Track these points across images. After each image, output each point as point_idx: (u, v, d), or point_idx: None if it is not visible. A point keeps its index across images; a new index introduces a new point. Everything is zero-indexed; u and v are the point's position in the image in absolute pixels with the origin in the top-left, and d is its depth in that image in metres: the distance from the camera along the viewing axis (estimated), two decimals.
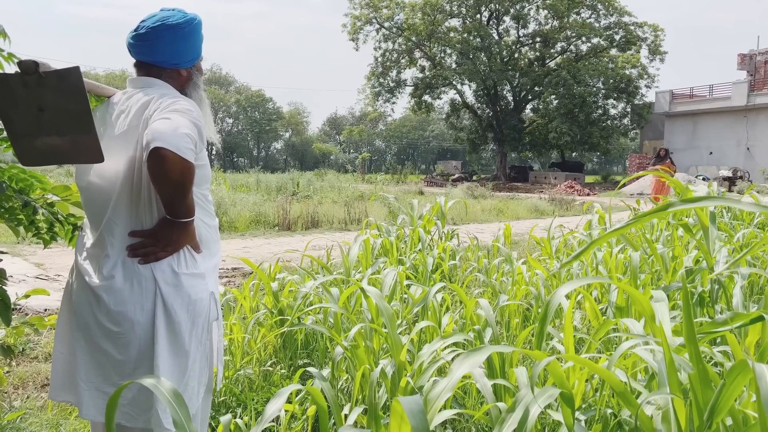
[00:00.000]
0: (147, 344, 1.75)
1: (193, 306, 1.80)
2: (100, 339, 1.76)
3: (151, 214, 1.78)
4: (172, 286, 1.76)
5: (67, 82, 1.53)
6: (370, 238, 4.50)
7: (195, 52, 1.99)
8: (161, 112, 1.70)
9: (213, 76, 79.85)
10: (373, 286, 3.54)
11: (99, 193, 1.80)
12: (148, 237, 1.76)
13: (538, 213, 15.87)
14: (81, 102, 1.54)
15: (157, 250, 1.75)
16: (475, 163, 68.81)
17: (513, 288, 3.72)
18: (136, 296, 1.74)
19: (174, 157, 1.56)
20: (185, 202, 1.72)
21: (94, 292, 1.75)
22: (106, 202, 1.78)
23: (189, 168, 1.62)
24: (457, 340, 2.17)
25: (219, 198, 11.76)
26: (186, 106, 1.76)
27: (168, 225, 1.74)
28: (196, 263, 1.85)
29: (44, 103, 1.54)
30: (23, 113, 1.55)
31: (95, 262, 1.79)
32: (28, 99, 1.54)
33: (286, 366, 3.49)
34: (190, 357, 1.80)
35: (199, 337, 1.83)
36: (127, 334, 1.74)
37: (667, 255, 3.66)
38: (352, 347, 2.41)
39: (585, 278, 1.88)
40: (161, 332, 1.74)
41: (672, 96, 38.73)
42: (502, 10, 41.00)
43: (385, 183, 28.25)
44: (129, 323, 1.74)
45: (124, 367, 1.77)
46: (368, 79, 42.29)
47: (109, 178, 1.78)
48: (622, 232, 1.43)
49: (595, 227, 5.75)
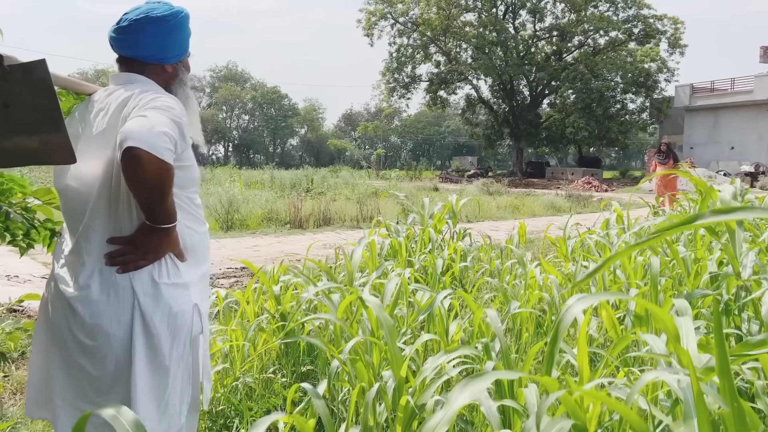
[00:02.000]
0: (124, 359, 1.62)
1: (174, 319, 1.67)
2: (75, 353, 1.65)
3: (131, 220, 1.65)
4: (151, 297, 1.64)
5: (33, 75, 1.42)
6: (377, 239, 4.36)
7: (181, 47, 1.86)
8: (140, 110, 1.59)
9: (229, 73, 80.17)
10: (377, 292, 3.40)
11: (76, 197, 1.68)
12: (127, 244, 1.64)
13: (554, 210, 15.61)
14: (49, 97, 1.43)
15: (136, 258, 1.63)
16: (492, 158, 68.32)
17: (526, 292, 3.55)
18: (112, 308, 1.62)
19: (149, 157, 1.44)
20: (164, 207, 1.59)
21: (69, 303, 1.64)
22: (83, 206, 1.66)
23: (166, 170, 1.50)
24: (462, 354, 2.02)
25: (231, 196, 11.68)
26: (167, 102, 1.64)
27: (148, 231, 1.62)
28: (179, 272, 1.72)
29: (9, 99, 1.43)
30: None
31: (71, 270, 1.67)
32: None
33: (289, 373, 3.36)
34: (170, 373, 1.68)
35: (180, 352, 1.71)
36: (103, 349, 1.63)
37: (690, 258, 3.47)
38: (352, 360, 2.27)
39: (599, 294, 1.72)
40: (139, 347, 1.62)
41: (692, 90, 38.01)
42: (518, 3, 40.55)
43: (400, 179, 28.08)
44: (105, 337, 1.62)
45: (100, 384, 1.65)
46: (383, 74, 42.11)
47: (86, 181, 1.65)
48: (640, 248, 1.26)
49: (613, 226, 5.55)
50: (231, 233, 9.99)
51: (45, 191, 2.08)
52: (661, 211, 7.95)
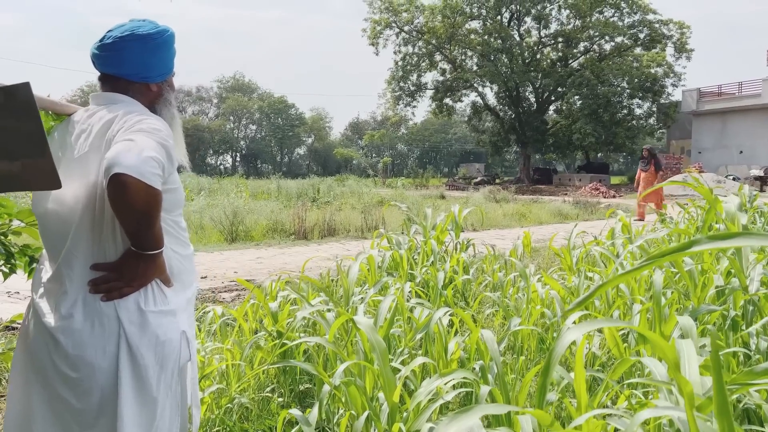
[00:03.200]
0: (110, 391, 1.56)
1: (162, 348, 1.62)
2: (57, 385, 1.58)
3: (115, 246, 1.60)
4: (137, 325, 1.58)
5: (16, 99, 1.38)
6: (376, 252, 4.29)
7: (166, 66, 1.83)
8: (125, 132, 1.53)
9: (236, 83, 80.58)
10: (376, 308, 3.33)
11: (57, 222, 1.62)
12: (111, 271, 1.58)
13: (561, 217, 15.49)
14: (33, 121, 1.38)
15: (121, 285, 1.57)
16: (498, 165, 68.20)
17: (528, 307, 3.47)
18: (97, 338, 1.55)
19: (137, 184, 1.40)
20: (152, 233, 1.54)
21: (50, 334, 1.57)
22: (64, 231, 1.60)
23: (155, 196, 1.46)
24: (457, 378, 1.95)
25: (235, 207, 11.65)
26: (154, 124, 1.59)
27: (134, 257, 1.56)
28: (166, 299, 1.67)
29: None
30: None
31: (52, 299, 1.61)
32: None
33: (287, 391, 3.29)
34: (158, 405, 1.62)
35: (168, 382, 1.65)
36: (87, 380, 1.56)
37: (696, 269, 3.38)
38: (346, 383, 2.20)
39: (596, 321, 1.64)
40: (125, 378, 1.56)
41: (699, 94, 37.80)
42: (523, 10, 40.53)
43: (406, 187, 28.03)
44: (89, 368, 1.55)
45: (84, 417, 1.58)
46: (389, 83, 42.17)
47: (68, 205, 1.60)
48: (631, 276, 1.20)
49: (619, 236, 5.46)
50: (235, 245, 9.95)
51: (28, 212, 2.03)
52: (669, 219, 7.82)
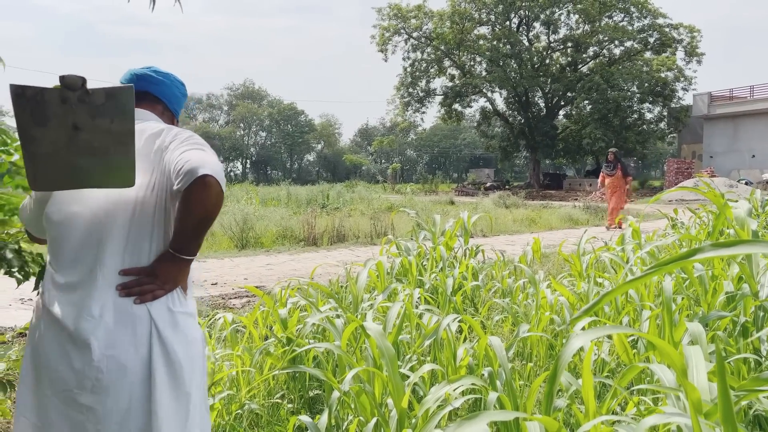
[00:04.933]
0: (140, 391, 1.56)
1: (191, 346, 1.66)
2: (79, 394, 1.56)
3: (149, 250, 1.63)
4: (170, 326, 1.61)
5: (116, 101, 1.42)
6: (385, 259, 4.30)
7: (180, 110, 2.02)
8: (184, 144, 1.64)
9: (246, 91, 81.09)
10: (385, 315, 3.34)
11: (86, 226, 1.62)
12: (146, 274, 1.61)
13: (572, 222, 15.43)
14: (127, 123, 1.44)
15: (155, 287, 1.60)
16: (508, 170, 68.04)
17: (537, 313, 3.47)
18: (129, 339, 1.56)
19: (217, 185, 1.52)
20: (201, 238, 1.63)
21: (74, 339, 1.56)
22: (95, 235, 1.61)
23: (222, 200, 1.57)
24: (466, 384, 1.96)
25: (245, 214, 11.71)
26: (203, 140, 1.71)
27: (170, 261, 1.62)
28: (186, 302, 1.71)
29: (81, 122, 1.42)
30: (52, 131, 1.42)
31: (76, 304, 1.58)
32: (63, 116, 1.41)
33: (297, 398, 3.31)
34: (191, 400, 1.64)
35: (198, 380, 1.68)
36: (118, 382, 1.55)
37: (707, 275, 3.36)
38: (356, 390, 2.21)
39: (604, 328, 1.65)
40: (160, 376, 1.57)
41: (710, 98, 37.55)
42: (531, 16, 40.52)
43: (415, 193, 28.03)
44: (121, 369, 1.55)
45: (107, 422, 1.56)
46: (397, 89, 42.23)
47: (102, 209, 1.62)
48: (634, 285, 1.20)
49: (629, 241, 5.44)
50: (245, 252, 10.00)
51: None
52: (680, 224, 7.77)
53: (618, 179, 13.15)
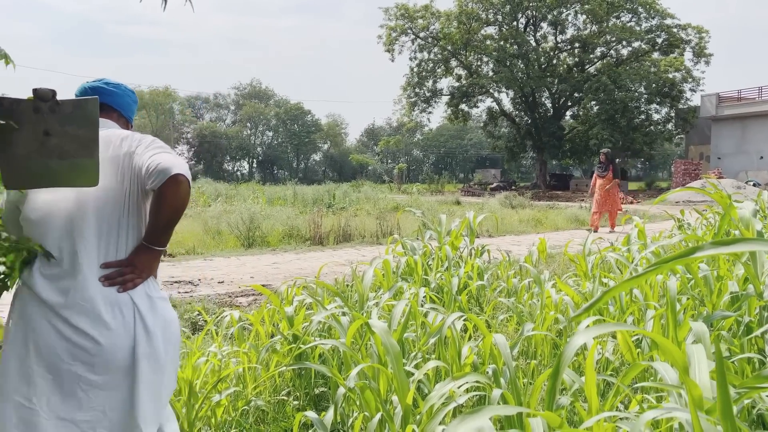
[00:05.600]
0: (124, 367, 1.80)
1: (168, 326, 1.90)
2: (71, 365, 1.75)
3: (126, 244, 1.86)
4: (150, 310, 1.85)
5: (83, 110, 1.62)
6: (391, 258, 4.32)
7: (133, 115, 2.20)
8: (151, 148, 1.85)
9: (253, 90, 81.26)
10: (389, 314, 3.36)
11: (62, 224, 1.80)
12: (125, 266, 1.83)
13: (578, 223, 15.39)
14: (92, 130, 1.64)
15: (135, 277, 1.83)
16: (515, 171, 67.95)
17: (542, 313, 3.48)
18: (118, 321, 1.79)
19: (187, 182, 1.76)
20: (171, 230, 1.87)
21: (66, 321, 1.75)
22: (71, 232, 1.80)
23: (190, 193, 1.80)
24: (470, 381, 1.97)
25: (251, 213, 11.76)
26: (164, 144, 1.93)
27: (146, 252, 1.85)
28: (158, 288, 1.95)
29: (52, 128, 1.61)
30: (25, 136, 1.60)
31: (65, 292, 1.78)
32: (36, 124, 1.60)
33: (302, 395, 3.34)
34: (165, 372, 1.90)
35: (172, 355, 1.92)
36: (108, 357, 1.77)
37: (712, 275, 3.37)
38: (361, 386, 2.24)
39: (606, 325, 1.66)
40: (142, 352, 1.81)
41: (719, 99, 37.37)
42: (539, 16, 40.45)
43: (421, 193, 28.04)
44: (112, 348, 1.77)
45: (97, 391, 1.78)
46: (404, 89, 42.23)
47: (75, 208, 1.81)
48: (636, 283, 1.22)
49: (634, 242, 5.44)
50: (251, 250, 10.04)
51: None
52: (687, 225, 7.75)
53: (608, 181, 12.95)
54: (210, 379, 3.07)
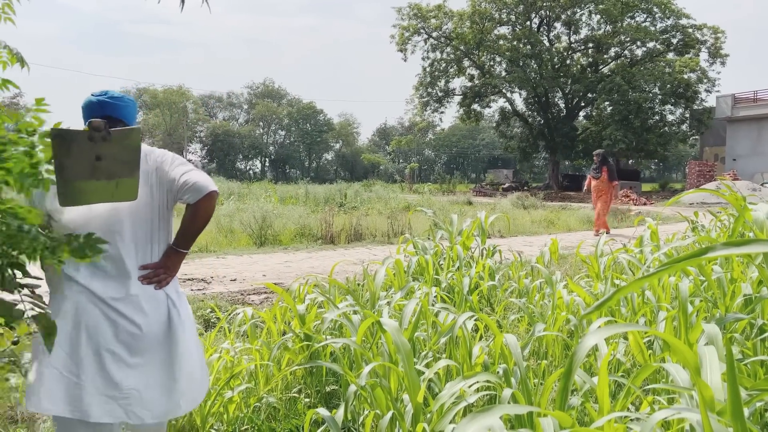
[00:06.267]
0: (159, 348, 2.11)
1: (189, 314, 2.26)
2: (116, 348, 2.04)
3: (157, 245, 2.18)
4: (178, 300, 2.21)
5: (128, 138, 1.88)
6: (403, 258, 4.33)
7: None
8: (176, 165, 2.18)
9: (266, 90, 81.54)
10: (400, 313, 3.37)
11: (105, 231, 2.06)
12: (159, 267, 2.16)
13: (590, 224, 15.28)
14: (135, 154, 1.91)
15: (167, 276, 2.18)
16: (527, 171, 67.64)
17: (553, 313, 3.48)
18: (156, 312, 2.12)
19: (217, 197, 2.16)
20: (198, 236, 2.25)
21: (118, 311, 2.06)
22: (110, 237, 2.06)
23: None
24: (481, 380, 1.98)
25: (263, 212, 11.81)
26: (185, 160, 2.27)
27: (175, 254, 2.21)
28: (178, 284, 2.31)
29: (102, 154, 1.85)
30: (79, 161, 1.83)
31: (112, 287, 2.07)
32: (89, 150, 1.83)
33: (314, 392, 3.36)
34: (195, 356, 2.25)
35: (197, 340, 2.30)
36: (145, 339, 2.08)
37: (725, 278, 3.34)
38: (372, 384, 2.25)
39: (617, 326, 1.66)
40: (180, 333, 2.15)
41: (734, 100, 36.96)
42: (552, 16, 40.24)
43: (433, 193, 28.01)
44: (150, 332, 2.09)
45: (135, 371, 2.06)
46: (416, 89, 42.18)
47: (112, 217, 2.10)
48: (648, 281, 1.22)
49: (647, 243, 5.41)
50: (263, 249, 10.09)
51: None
52: (701, 227, 7.68)
53: (603, 183, 12.54)
54: (222, 375, 3.11)
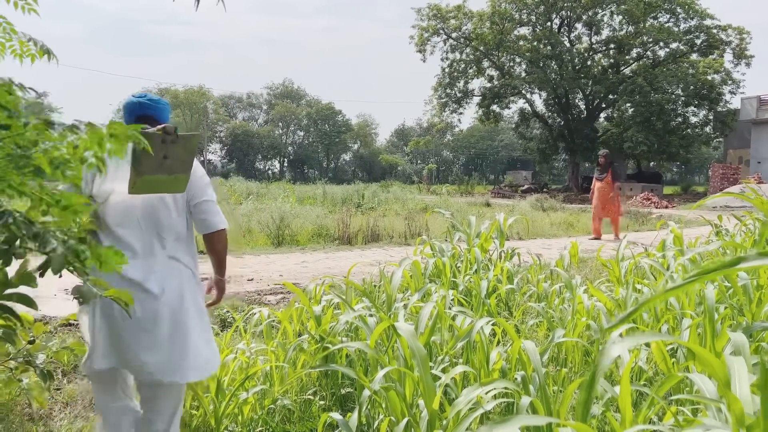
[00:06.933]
0: (177, 320, 2.39)
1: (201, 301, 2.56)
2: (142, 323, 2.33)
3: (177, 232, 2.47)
4: (197, 285, 2.52)
5: (189, 142, 2.22)
6: (420, 259, 4.29)
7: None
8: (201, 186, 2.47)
9: (285, 90, 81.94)
10: (416, 316, 3.33)
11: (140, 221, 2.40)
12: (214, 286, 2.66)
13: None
14: (192, 155, 2.26)
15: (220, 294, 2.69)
16: (546, 173, 67.13)
17: (573, 319, 3.41)
18: (177, 291, 2.41)
19: (226, 232, 2.56)
20: (226, 262, 2.63)
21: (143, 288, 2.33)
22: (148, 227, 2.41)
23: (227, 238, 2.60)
24: (498, 387, 1.94)
25: (281, 212, 11.84)
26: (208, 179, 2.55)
27: (219, 281, 2.66)
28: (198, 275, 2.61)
29: (169, 153, 2.18)
30: (151, 158, 2.15)
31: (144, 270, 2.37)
32: (160, 149, 2.17)
33: (329, 395, 3.34)
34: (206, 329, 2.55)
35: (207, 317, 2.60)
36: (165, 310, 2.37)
37: (751, 284, 3.26)
38: (386, 388, 2.22)
39: (642, 335, 1.61)
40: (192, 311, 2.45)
41: (760, 102, 36.30)
42: (573, 16, 39.87)
43: (451, 194, 27.89)
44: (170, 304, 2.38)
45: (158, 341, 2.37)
46: (435, 89, 42.07)
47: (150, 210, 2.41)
48: (674, 294, 1.17)
49: (670, 248, 5.30)
50: (281, 249, 10.11)
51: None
52: (725, 231, 7.53)
53: (607, 185, 12.34)
54: (238, 376, 3.09)
